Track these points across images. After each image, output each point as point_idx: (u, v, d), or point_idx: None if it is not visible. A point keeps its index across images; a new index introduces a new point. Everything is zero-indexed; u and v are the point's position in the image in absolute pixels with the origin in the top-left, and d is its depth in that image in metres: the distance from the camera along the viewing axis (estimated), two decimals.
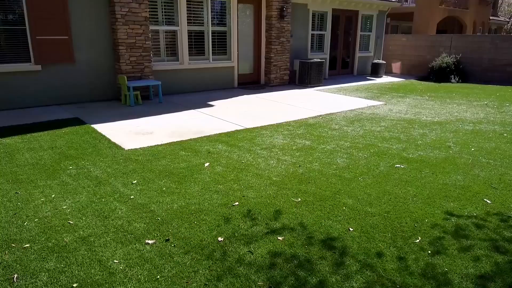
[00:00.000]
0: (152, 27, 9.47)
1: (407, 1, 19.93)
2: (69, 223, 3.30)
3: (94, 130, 6.35)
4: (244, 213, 3.51)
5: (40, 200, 3.73)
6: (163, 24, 9.79)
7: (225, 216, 3.45)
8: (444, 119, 7.59)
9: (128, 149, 5.36)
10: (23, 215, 3.43)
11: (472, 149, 5.56)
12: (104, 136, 6.02)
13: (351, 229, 3.25)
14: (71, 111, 7.89)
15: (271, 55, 11.83)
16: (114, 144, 5.61)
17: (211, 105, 8.69)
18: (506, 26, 31.49)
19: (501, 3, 32.84)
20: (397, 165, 4.83)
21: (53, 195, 3.84)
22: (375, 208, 3.64)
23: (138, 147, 5.45)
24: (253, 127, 6.74)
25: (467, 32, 20.57)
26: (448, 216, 3.51)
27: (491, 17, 24.79)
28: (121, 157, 5.02)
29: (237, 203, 3.71)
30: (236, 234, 3.15)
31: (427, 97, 10.38)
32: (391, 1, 15.58)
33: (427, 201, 3.81)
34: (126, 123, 6.92)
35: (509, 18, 32.47)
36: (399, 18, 19.68)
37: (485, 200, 3.87)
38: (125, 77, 8.51)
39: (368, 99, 9.94)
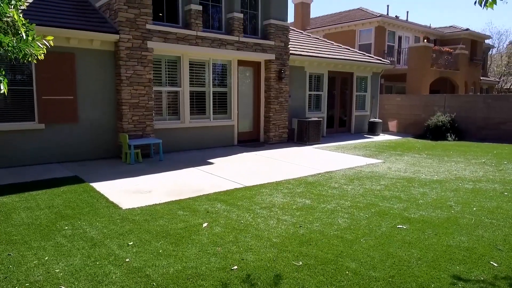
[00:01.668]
0: (155, 88, 9.82)
1: (399, 64, 20.87)
2: None
3: (93, 189, 6.32)
4: (243, 278, 3.38)
5: (33, 263, 3.60)
6: (166, 85, 10.16)
7: (223, 282, 3.32)
8: (443, 178, 7.59)
9: (126, 209, 5.29)
10: (14, 279, 3.30)
11: (474, 209, 5.50)
12: (102, 195, 5.98)
13: None
14: (71, 169, 7.91)
15: (270, 114, 12.14)
16: (112, 203, 5.55)
17: (211, 163, 8.74)
18: (496, 85, 32.67)
19: (490, 64, 34.39)
20: (399, 226, 4.75)
21: (46, 258, 3.72)
22: (379, 273, 3.51)
23: (136, 207, 5.39)
24: (253, 185, 6.71)
25: (459, 91, 21.27)
26: (455, 281, 3.37)
27: (481, 78, 25.80)
28: (118, 217, 4.94)
29: (235, 267, 3.59)
30: None
31: (425, 155, 10.48)
32: (384, 63, 16.33)
33: (432, 264, 3.69)
34: (125, 181, 6.91)
35: (499, 78, 33.81)
36: (393, 79, 20.47)
37: (492, 263, 3.75)
38: (127, 136, 8.65)
39: (366, 157, 10.02)
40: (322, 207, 5.48)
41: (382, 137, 14.82)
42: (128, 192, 6.19)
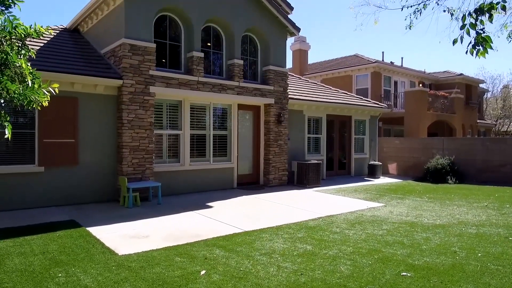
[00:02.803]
0: (156, 131, 9.93)
1: (396, 107, 21.26)
2: None
3: (89, 234, 6.19)
4: None
5: None
6: (167, 128, 10.29)
7: None
8: (446, 222, 7.47)
9: (122, 255, 5.15)
10: None
11: (479, 255, 5.36)
12: (98, 240, 5.85)
13: None
14: (68, 213, 7.80)
15: (270, 156, 12.18)
16: (108, 249, 5.42)
17: (210, 206, 8.63)
18: (494, 128, 33.07)
19: (486, 108, 35.03)
20: (404, 273, 4.60)
21: None
22: None
23: (132, 252, 5.25)
24: (252, 230, 6.59)
25: (457, 134, 21.48)
26: None
27: (478, 121, 26.16)
28: (114, 264, 4.80)
29: None
30: None
31: (426, 199, 10.38)
32: (381, 107, 16.64)
33: None
34: (122, 225, 6.79)
35: (496, 121, 34.30)
36: (391, 122, 20.76)
37: None
38: (126, 179, 8.62)
39: (367, 200, 9.92)
40: (323, 253, 5.34)
41: (383, 180, 14.76)
42: (125, 237, 6.06)
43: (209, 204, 8.96)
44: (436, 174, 14.50)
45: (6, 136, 2.77)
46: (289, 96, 12.81)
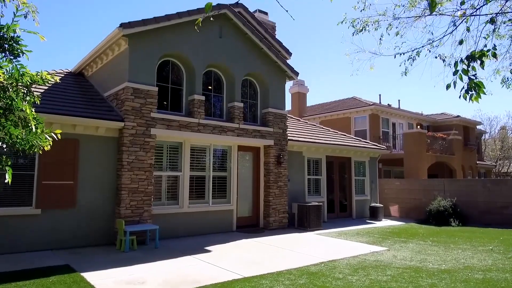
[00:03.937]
0: (155, 173, 9.90)
1: (395, 149, 21.36)
2: None
3: (83, 279, 5.99)
4: None
5: None
6: (166, 169, 10.28)
7: None
8: (451, 267, 7.26)
9: None
10: None
11: None
12: (92, 286, 5.65)
13: None
14: (63, 257, 7.60)
15: (270, 198, 12.05)
16: None
17: (209, 251, 8.42)
18: (494, 169, 33.03)
19: (485, 149, 35.19)
20: None
21: None
22: None
23: None
24: (252, 276, 6.38)
25: (457, 175, 21.41)
26: None
27: (478, 162, 26.18)
28: None
29: None
30: None
31: (430, 242, 10.15)
32: (380, 149, 16.72)
33: None
34: (118, 271, 6.58)
35: (495, 163, 34.34)
36: (390, 163, 20.75)
37: None
38: (123, 222, 8.48)
39: (370, 244, 9.70)
40: None
41: (385, 223, 14.51)
42: (120, 283, 5.86)
43: (208, 248, 8.75)
44: (439, 217, 14.29)
45: (6, 181, 2.76)
46: (289, 137, 12.92)
